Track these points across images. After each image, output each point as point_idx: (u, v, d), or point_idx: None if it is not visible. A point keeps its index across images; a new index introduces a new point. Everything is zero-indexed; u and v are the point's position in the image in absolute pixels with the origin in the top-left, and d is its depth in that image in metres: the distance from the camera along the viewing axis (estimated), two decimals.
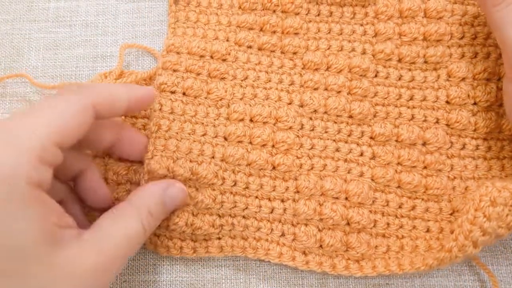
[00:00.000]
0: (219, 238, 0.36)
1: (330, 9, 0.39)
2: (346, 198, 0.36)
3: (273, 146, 0.36)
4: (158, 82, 0.36)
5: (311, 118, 0.37)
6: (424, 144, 0.37)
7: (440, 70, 0.37)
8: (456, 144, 0.37)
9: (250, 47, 0.39)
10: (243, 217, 0.36)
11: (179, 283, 0.37)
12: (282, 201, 0.36)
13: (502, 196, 0.30)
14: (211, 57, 0.38)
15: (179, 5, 0.40)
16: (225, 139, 0.36)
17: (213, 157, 0.35)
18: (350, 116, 0.37)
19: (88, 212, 0.35)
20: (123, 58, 0.40)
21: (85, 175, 0.33)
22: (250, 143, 0.36)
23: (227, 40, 0.39)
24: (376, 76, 0.38)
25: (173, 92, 0.36)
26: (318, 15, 0.39)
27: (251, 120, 0.37)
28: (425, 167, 0.36)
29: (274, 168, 0.36)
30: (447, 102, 0.37)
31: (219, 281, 0.37)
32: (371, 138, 0.37)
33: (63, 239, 0.26)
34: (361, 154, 0.37)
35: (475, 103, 0.37)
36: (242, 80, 0.38)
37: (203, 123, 0.36)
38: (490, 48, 0.37)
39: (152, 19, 0.43)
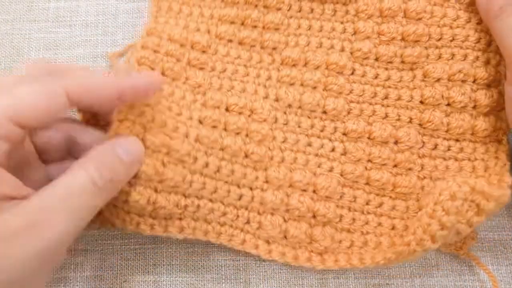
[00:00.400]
0: (181, 219, 0.34)
1: (311, 6, 0.40)
2: (314, 191, 0.36)
3: (246, 135, 0.36)
4: (139, 56, 0.35)
5: (285, 113, 0.38)
6: (396, 142, 0.37)
7: (417, 70, 0.37)
8: (427, 144, 0.36)
9: (230, 41, 0.39)
10: (210, 200, 0.35)
11: (179, 283, 0.37)
12: (251, 189, 0.36)
13: (462, 190, 0.30)
14: (192, 47, 0.38)
15: None
16: (200, 122, 0.36)
17: (186, 136, 0.34)
18: (324, 112, 0.37)
19: None
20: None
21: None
22: (225, 129, 0.36)
23: (208, 33, 0.39)
24: (352, 73, 0.38)
25: (152, 69, 0.36)
26: (300, 11, 0.40)
27: (226, 109, 0.37)
28: (395, 166, 0.36)
29: (246, 156, 0.36)
30: (421, 102, 0.37)
31: (219, 281, 0.37)
32: (343, 134, 0.37)
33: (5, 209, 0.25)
34: (333, 150, 0.37)
35: (448, 104, 0.36)
36: (220, 72, 0.38)
37: (179, 104, 0.36)
38: (468, 50, 0.37)
39: None
